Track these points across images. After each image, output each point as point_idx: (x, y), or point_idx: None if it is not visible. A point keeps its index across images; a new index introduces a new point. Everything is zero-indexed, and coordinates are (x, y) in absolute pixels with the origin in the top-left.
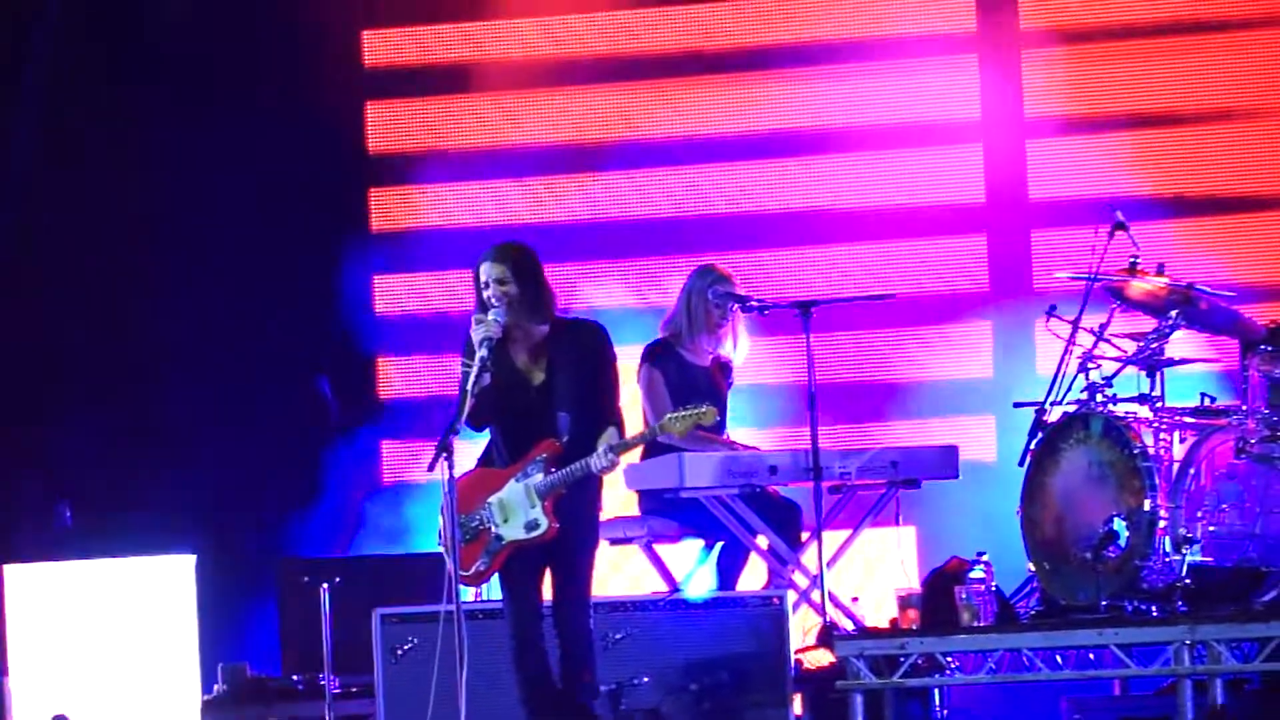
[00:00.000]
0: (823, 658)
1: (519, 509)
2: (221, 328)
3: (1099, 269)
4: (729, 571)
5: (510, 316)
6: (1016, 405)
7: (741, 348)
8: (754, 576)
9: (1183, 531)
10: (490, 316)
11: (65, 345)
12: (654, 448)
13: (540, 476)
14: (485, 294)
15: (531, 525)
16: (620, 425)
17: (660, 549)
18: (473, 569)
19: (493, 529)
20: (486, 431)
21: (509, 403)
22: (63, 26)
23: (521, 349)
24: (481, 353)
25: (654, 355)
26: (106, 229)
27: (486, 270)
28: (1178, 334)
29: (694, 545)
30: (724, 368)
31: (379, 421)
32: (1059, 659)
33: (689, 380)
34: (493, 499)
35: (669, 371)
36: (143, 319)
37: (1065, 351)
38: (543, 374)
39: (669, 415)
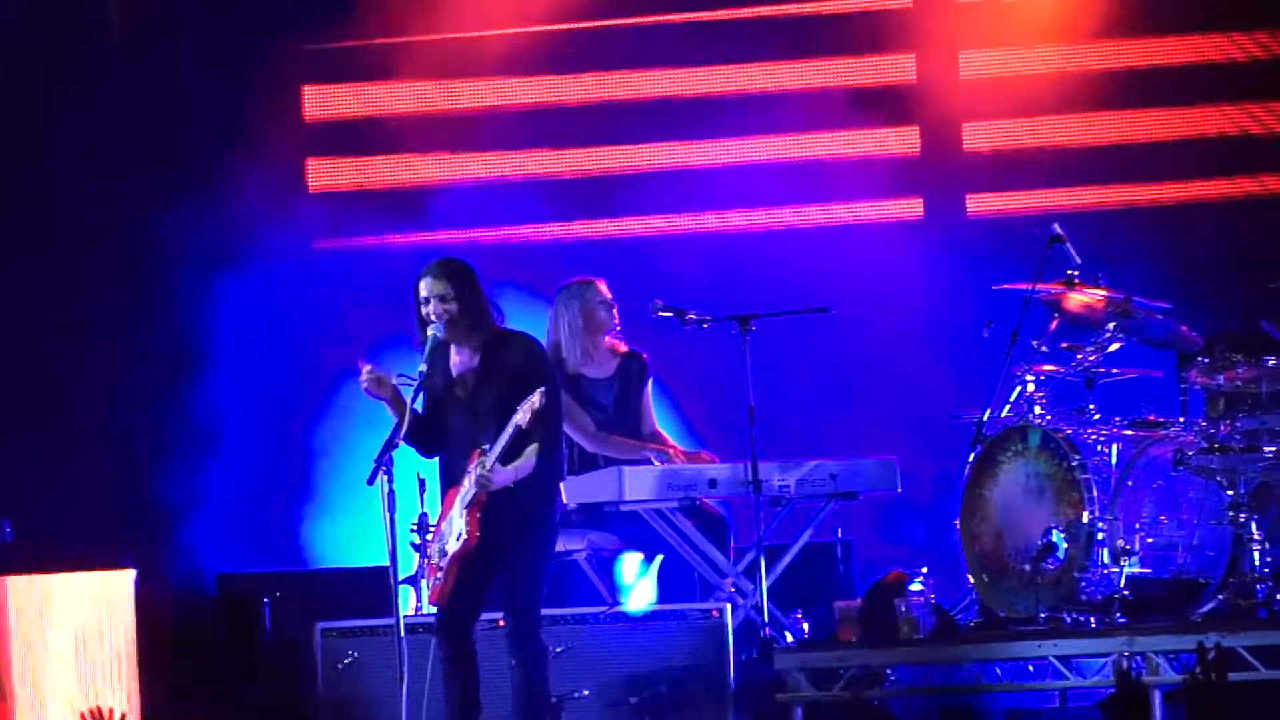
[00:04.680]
0: None
1: (457, 522)
2: (163, 343)
3: (1037, 281)
4: (669, 585)
5: (449, 333)
6: (953, 418)
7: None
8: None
9: (1121, 543)
10: (430, 331)
11: (2, 361)
12: (593, 461)
13: (467, 486)
14: (425, 310)
15: (458, 536)
16: (548, 439)
17: (600, 562)
18: (433, 586)
19: (446, 546)
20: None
21: (450, 416)
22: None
23: (460, 362)
24: (421, 367)
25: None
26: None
27: (427, 286)
28: (1115, 346)
29: (634, 558)
30: (641, 366)
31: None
32: (998, 670)
33: (584, 396)
34: (449, 516)
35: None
36: (82, 333)
37: (1003, 364)
38: (478, 385)
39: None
